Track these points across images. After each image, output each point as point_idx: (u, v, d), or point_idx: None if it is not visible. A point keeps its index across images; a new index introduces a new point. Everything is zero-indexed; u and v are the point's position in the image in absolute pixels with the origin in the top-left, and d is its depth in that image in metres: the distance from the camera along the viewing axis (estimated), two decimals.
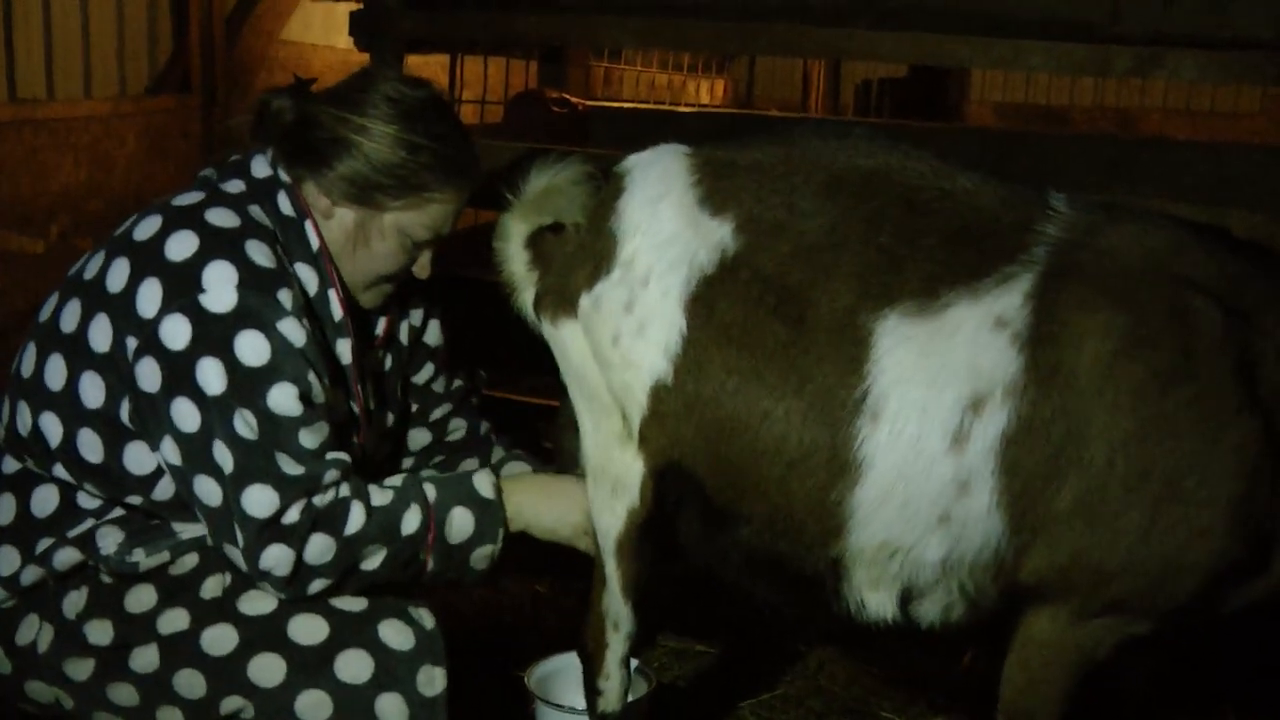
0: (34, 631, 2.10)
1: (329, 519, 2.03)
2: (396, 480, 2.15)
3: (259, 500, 1.98)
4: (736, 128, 4.18)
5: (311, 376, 2.04)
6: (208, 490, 2.01)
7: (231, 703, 2.05)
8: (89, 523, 2.11)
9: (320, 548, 2.03)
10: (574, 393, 2.23)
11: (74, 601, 2.10)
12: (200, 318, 1.98)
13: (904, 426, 1.88)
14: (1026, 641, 1.97)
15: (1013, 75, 9.61)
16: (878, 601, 2.00)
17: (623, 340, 2.06)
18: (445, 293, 2.51)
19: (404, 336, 2.46)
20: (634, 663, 2.43)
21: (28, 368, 2.12)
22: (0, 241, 4.07)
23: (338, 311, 2.17)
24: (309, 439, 2.03)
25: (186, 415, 1.98)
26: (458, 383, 2.61)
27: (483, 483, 2.19)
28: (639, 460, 2.11)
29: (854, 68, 9.04)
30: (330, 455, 2.06)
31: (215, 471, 2.00)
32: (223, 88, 5.28)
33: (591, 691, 2.37)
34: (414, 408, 2.55)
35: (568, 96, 5.17)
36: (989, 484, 1.86)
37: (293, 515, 2.00)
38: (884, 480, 1.89)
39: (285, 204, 2.15)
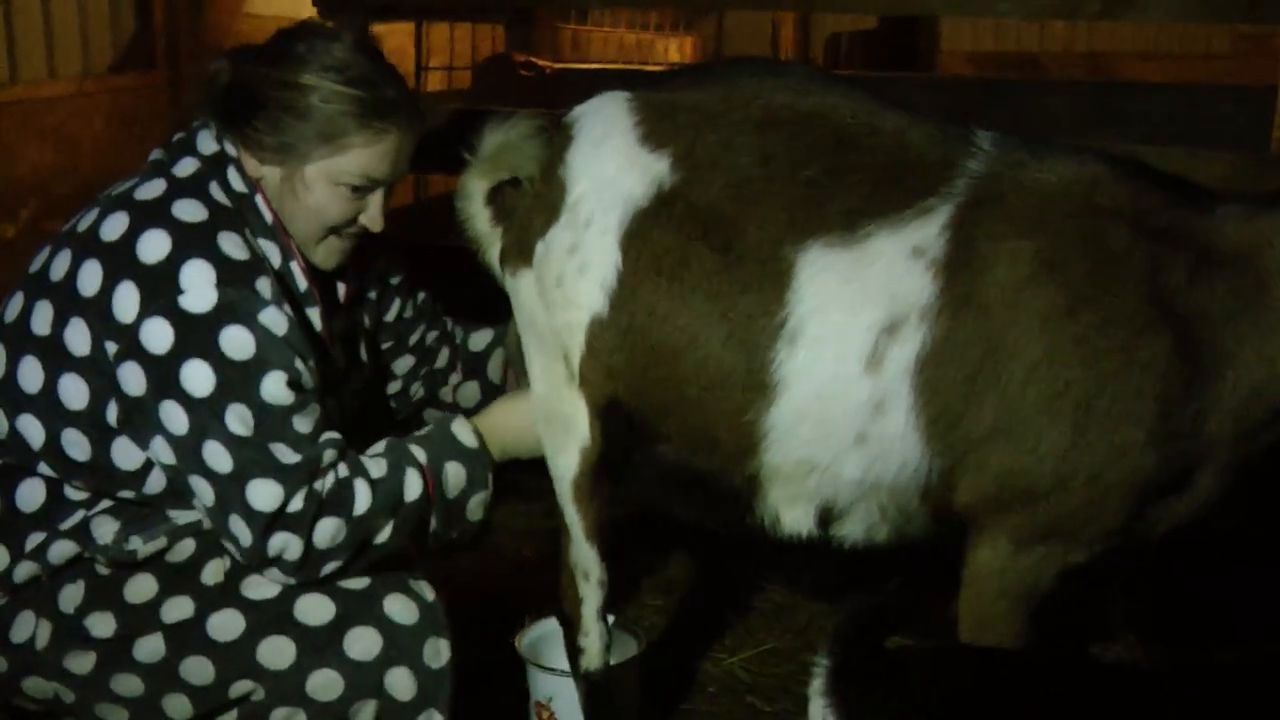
0: (30, 628, 2.08)
1: (335, 502, 2.03)
2: (381, 447, 2.15)
3: (263, 494, 1.98)
4: None
5: (298, 362, 2.03)
6: (202, 490, 2.01)
7: (241, 686, 2.05)
8: (80, 514, 2.09)
9: (330, 531, 2.03)
10: (526, 340, 2.26)
11: (71, 595, 2.08)
12: (182, 319, 1.96)
13: (821, 350, 1.95)
14: (973, 577, 2.03)
15: (982, 23, 9.57)
16: (793, 518, 2.08)
17: (566, 281, 2.10)
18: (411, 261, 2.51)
19: (372, 292, 2.46)
20: (610, 618, 2.40)
21: None
22: None
23: (302, 283, 2.16)
24: (303, 424, 2.02)
25: (175, 418, 1.97)
26: (422, 296, 2.60)
27: (462, 431, 2.20)
28: (582, 399, 2.15)
29: (823, 21, 8.98)
30: (324, 436, 2.05)
31: (207, 473, 1.99)
32: (187, 64, 5.21)
33: (574, 652, 2.38)
34: (390, 344, 2.55)
35: (535, 60, 5.14)
36: (904, 405, 1.93)
37: (297, 504, 2.00)
38: (800, 401, 1.97)
39: (236, 180, 2.13)
